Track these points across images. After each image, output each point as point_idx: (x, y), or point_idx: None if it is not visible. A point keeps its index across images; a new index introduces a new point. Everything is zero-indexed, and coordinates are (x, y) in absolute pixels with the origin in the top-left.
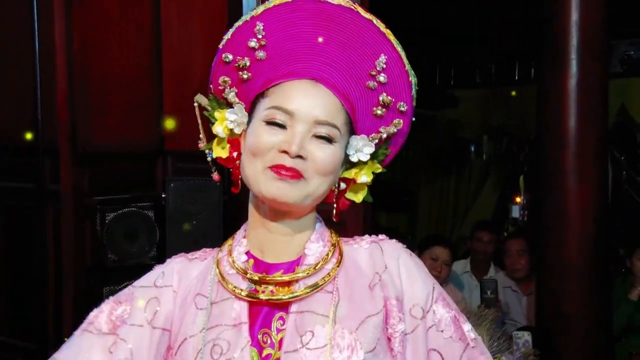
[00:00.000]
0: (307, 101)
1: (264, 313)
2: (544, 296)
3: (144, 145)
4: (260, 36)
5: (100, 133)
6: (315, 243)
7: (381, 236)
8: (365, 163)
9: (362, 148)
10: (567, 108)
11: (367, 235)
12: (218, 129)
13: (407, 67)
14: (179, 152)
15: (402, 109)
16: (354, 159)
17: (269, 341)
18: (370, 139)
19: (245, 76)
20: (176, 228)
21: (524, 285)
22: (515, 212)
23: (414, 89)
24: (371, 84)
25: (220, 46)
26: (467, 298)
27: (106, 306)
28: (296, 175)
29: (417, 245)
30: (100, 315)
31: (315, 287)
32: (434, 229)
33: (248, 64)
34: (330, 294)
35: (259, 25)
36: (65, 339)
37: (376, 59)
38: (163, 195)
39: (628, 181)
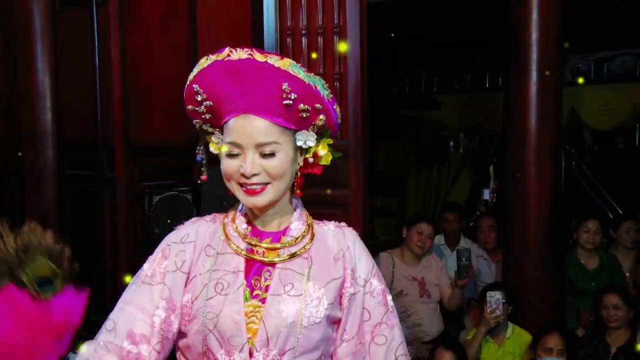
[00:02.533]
0: (246, 132)
1: (256, 266)
2: (509, 264)
3: (183, 141)
4: (200, 92)
5: (148, 132)
6: (297, 221)
7: (342, 223)
8: (317, 143)
9: (307, 138)
10: (529, 110)
11: (332, 222)
12: (211, 148)
13: (308, 81)
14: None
15: (319, 107)
16: (305, 146)
17: (258, 285)
18: (310, 129)
19: (207, 117)
20: (210, 208)
21: (493, 255)
22: (486, 195)
23: (322, 92)
24: (287, 102)
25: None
26: (444, 265)
27: (156, 260)
28: (260, 189)
29: (406, 222)
30: (155, 270)
31: (294, 255)
32: (420, 209)
33: (205, 109)
34: (306, 259)
35: (196, 87)
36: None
37: (281, 86)
38: (199, 182)
39: (577, 170)
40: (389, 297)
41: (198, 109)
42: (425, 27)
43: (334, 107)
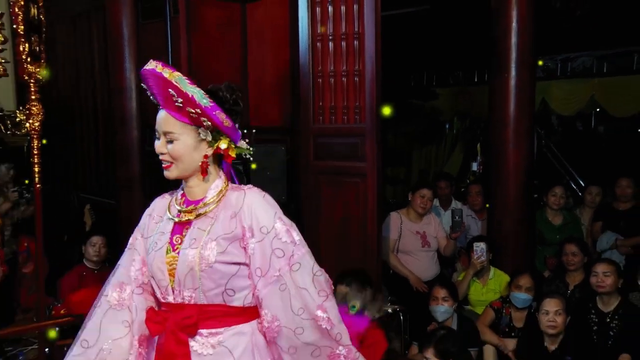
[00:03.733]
0: (160, 121)
1: (178, 227)
2: (492, 221)
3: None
4: (145, 86)
5: None
6: (212, 190)
7: (249, 186)
8: (217, 139)
9: (204, 134)
10: (509, 100)
11: (247, 186)
12: None
13: (185, 90)
14: (258, 127)
15: (198, 111)
16: (206, 139)
17: (179, 241)
18: (205, 127)
19: (156, 102)
20: (257, 177)
21: (479, 214)
22: (474, 167)
23: (199, 101)
24: (177, 104)
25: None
26: (441, 221)
27: (135, 230)
28: (167, 165)
29: (411, 188)
30: (133, 237)
31: (200, 215)
32: (421, 177)
33: (153, 98)
34: (211, 218)
35: (143, 85)
36: None
37: (169, 91)
38: (250, 158)
39: (545, 147)
40: (294, 233)
41: (151, 97)
42: (426, 35)
43: (214, 113)
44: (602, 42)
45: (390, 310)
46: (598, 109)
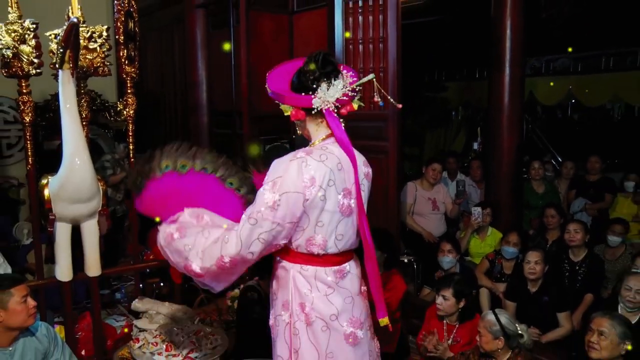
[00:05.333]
0: None
1: None
2: (489, 190)
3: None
4: None
5: (263, 104)
6: None
7: (309, 152)
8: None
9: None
10: (503, 92)
11: (309, 151)
12: None
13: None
14: None
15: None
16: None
17: None
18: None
19: None
20: None
21: (479, 184)
22: (475, 146)
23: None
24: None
25: None
26: (448, 190)
27: None
28: None
29: (425, 162)
30: None
31: None
32: (433, 154)
33: None
34: None
35: None
36: None
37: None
38: (294, 136)
39: (532, 131)
40: (261, 192)
41: None
42: (438, 39)
43: (265, 86)
44: (578, 47)
45: (406, 260)
46: (574, 100)
